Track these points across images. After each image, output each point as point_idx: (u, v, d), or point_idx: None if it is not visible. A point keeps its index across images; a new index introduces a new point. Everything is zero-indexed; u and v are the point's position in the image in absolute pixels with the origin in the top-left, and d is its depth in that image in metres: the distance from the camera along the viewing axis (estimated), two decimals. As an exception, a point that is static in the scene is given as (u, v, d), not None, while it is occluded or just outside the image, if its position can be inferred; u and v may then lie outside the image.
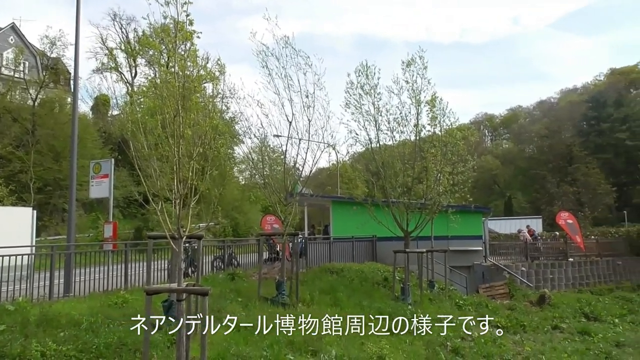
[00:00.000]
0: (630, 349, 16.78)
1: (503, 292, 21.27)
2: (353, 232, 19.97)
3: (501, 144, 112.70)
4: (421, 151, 16.54)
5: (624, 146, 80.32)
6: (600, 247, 29.54)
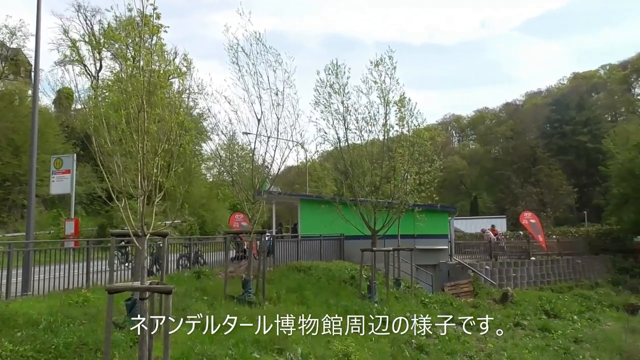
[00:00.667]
0: (587, 345, 17.36)
1: (468, 290, 21.65)
2: (321, 231, 20.00)
3: (468, 144, 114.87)
4: (389, 151, 16.68)
5: (585, 148, 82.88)
6: (561, 246, 30.39)
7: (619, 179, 32.58)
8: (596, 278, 28.73)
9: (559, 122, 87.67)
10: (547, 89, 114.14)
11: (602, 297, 25.20)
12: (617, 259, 31.10)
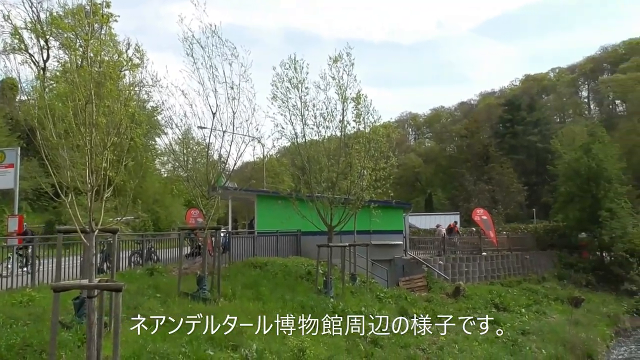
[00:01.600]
0: (534, 337, 18.01)
1: (421, 285, 22.04)
2: (278, 227, 19.94)
3: (424, 142, 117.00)
4: (346, 147, 16.76)
5: (535, 148, 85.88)
6: (510, 242, 31.37)
7: (566, 178, 33.82)
8: (543, 273, 29.79)
9: (511, 122, 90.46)
10: (500, 89, 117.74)
11: (549, 291, 26.18)
12: (563, 255, 32.37)
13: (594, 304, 25.83)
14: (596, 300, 26.65)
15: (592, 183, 30.94)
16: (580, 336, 18.39)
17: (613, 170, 31.61)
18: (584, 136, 35.69)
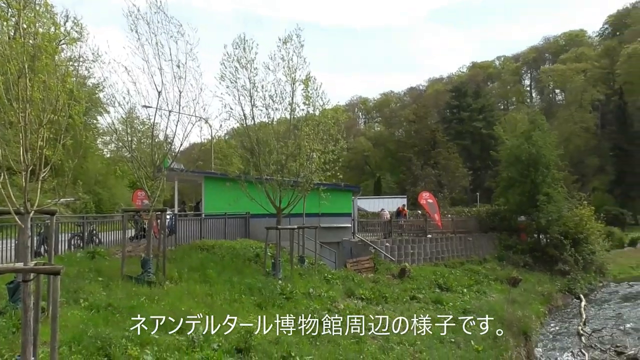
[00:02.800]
0: (474, 315, 18.74)
1: (368, 266, 22.45)
2: (226, 209, 19.72)
3: (373, 126, 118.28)
4: (295, 129, 16.72)
5: (479, 134, 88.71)
6: (455, 225, 32.36)
7: (507, 163, 34.98)
8: (484, 254, 30.93)
9: (457, 108, 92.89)
10: (448, 76, 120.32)
11: (489, 271, 27.24)
12: (503, 237, 33.65)
13: (530, 284, 27.09)
14: (532, 280, 27.96)
15: (532, 169, 32.19)
16: (517, 314, 19.28)
17: (551, 156, 32.98)
18: (525, 123, 36.94)
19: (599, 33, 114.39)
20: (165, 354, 8.31)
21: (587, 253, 33.27)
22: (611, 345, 18.02)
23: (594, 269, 34.14)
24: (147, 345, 8.62)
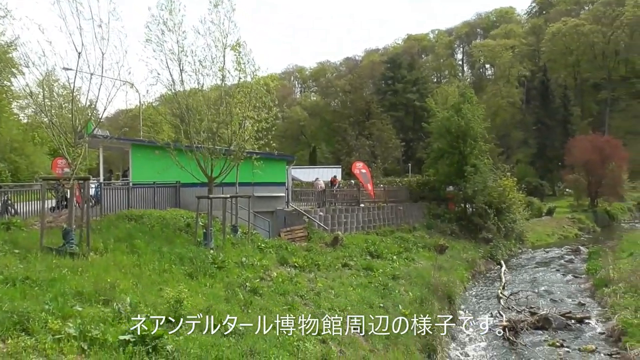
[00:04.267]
0: (403, 281, 19.47)
1: (302, 235, 22.64)
2: (155, 178, 19.08)
3: (309, 96, 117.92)
4: (227, 96, 16.28)
5: (413, 106, 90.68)
6: (387, 194, 33.14)
7: (438, 135, 36.01)
8: (414, 223, 32.02)
9: (392, 80, 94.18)
10: (384, 47, 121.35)
11: (418, 239, 28.28)
12: (432, 206, 34.95)
13: (456, 251, 28.44)
14: (458, 247, 29.35)
15: (461, 140, 33.34)
16: (443, 279, 20.19)
17: (479, 129, 34.25)
18: (455, 96, 38.03)
19: (527, 11, 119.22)
20: (89, 326, 8.00)
21: (509, 222, 35.30)
22: (526, 307, 19.32)
23: (514, 237, 36.34)
24: (70, 318, 8.26)
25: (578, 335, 16.54)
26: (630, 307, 16.83)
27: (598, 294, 20.91)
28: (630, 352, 13.74)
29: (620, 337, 15.20)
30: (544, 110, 79.65)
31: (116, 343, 7.78)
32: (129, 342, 7.89)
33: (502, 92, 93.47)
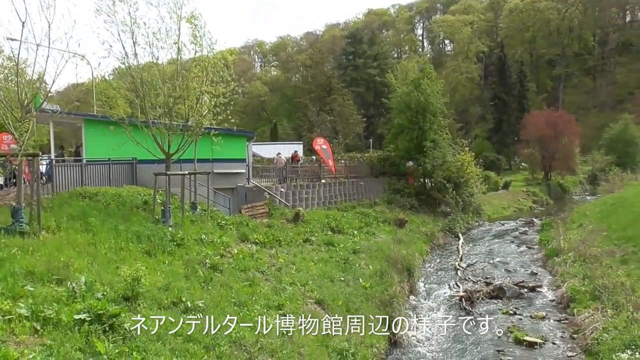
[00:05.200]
0: (363, 255, 19.74)
1: (263, 212, 22.54)
2: (110, 154, 18.51)
3: (270, 71, 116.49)
4: (183, 70, 15.83)
5: (373, 81, 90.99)
6: (348, 170, 33.32)
7: (398, 111, 36.21)
8: (375, 198, 32.38)
9: (353, 55, 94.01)
10: (345, 21, 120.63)
11: (378, 214, 28.64)
12: (392, 181, 35.40)
13: (415, 225, 28.97)
14: (417, 221, 29.91)
15: (420, 116, 33.66)
16: (402, 253, 20.58)
17: (438, 104, 34.62)
18: (415, 72, 38.25)
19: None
20: (42, 306, 7.79)
21: (467, 195, 36.18)
22: (482, 278, 19.95)
23: (472, 210, 37.31)
24: (21, 298, 8.03)
25: (530, 303, 17.22)
26: (578, 275, 17.60)
27: (549, 263, 21.77)
28: (578, 317, 14.43)
29: (569, 303, 15.92)
30: (501, 86, 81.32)
31: (71, 322, 7.63)
32: (85, 321, 7.76)
33: (461, 67, 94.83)
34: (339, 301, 13.88)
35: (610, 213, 26.95)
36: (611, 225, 23.28)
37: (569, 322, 14.75)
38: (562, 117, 60.60)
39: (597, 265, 17.90)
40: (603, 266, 17.57)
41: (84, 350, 7.09)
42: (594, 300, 14.90)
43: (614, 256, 18.41)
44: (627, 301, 13.49)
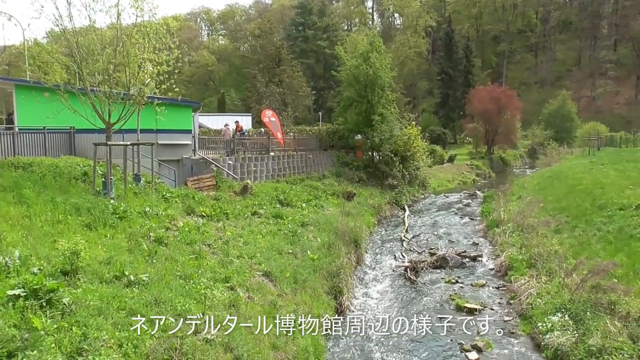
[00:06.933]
0: (311, 227, 19.84)
1: (210, 184, 22.16)
2: (45, 123, 17.51)
3: (217, 39, 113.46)
4: (124, 36, 15.05)
5: (323, 53, 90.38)
6: (297, 143, 33.13)
7: (347, 84, 36.14)
8: (324, 171, 32.46)
9: (302, 26, 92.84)
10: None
11: (327, 187, 28.77)
12: (341, 155, 35.56)
13: (363, 197, 29.33)
14: (365, 194, 30.29)
15: (369, 89, 33.76)
16: (350, 225, 20.83)
17: (386, 78, 34.79)
18: (364, 45, 38.18)
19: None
20: (-29, 283, 7.39)
21: (413, 169, 36.90)
22: (426, 248, 20.58)
23: (418, 183, 38.14)
24: (-55, 276, 7.57)
25: (472, 272, 17.93)
26: (516, 244, 18.44)
27: (490, 234, 22.66)
28: (514, 284, 15.16)
29: (507, 271, 16.70)
30: (448, 61, 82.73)
31: (4, 298, 7.33)
32: (20, 296, 7.46)
33: (409, 42, 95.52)
34: (287, 273, 13.92)
35: (547, 185, 28.25)
36: (547, 197, 24.41)
37: (507, 289, 15.47)
38: (505, 92, 62.46)
39: (534, 234, 18.79)
40: (539, 236, 18.45)
41: (19, 327, 6.82)
42: (530, 267, 15.69)
43: (549, 226, 19.34)
44: (560, 268, 14.28)
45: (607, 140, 50.18)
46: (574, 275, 13.31)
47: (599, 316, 11.00)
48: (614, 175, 23.68)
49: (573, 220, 18.89)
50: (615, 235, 15.70)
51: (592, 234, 16.64)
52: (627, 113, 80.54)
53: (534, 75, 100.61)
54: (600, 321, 10.73)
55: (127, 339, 7.72)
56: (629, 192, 18.94)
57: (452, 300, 14.75)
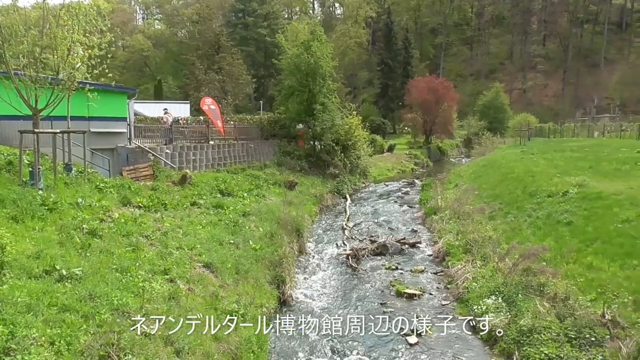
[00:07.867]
0: (253, 217, 19.65)
1: (147, 174, 21.42)
2: (-36, 109, 16.30)
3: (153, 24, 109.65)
4: (50, 16, 14.17)
5: (264, 41, 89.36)
6: (237, 131, 32.64)
7: (288, 72, 35.91)
8: (265, 160, 32.19)
9: (242, 13, 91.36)
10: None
11: (269, 176, 28.58)
12: (282, 144, 35.37)
13: (305, 187, 29.36)
14: (307, 183, 30.34)
15: (310, 79, 33.70)
16: (292, 214, 20.80)
17: (327, 68, 34.82)
18: (306, 34, 38.02)
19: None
20: None
21: (354, 158, 37.34)
22: (367, 236, 20.90)
23: (359, 172, 38.67)
24: None
25: (411, 258, 18.38)
26: (453, 231, 19.07)
27: (428, 221, 23.30)
28: (451, 269, 15.69)
29: (445, 257, 17.25)
30: (387, 52, 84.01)
31: None
32: None
33: (350, 32, 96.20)
34: (228, 264, 13.72)
35: (482, 174, 29.38)
36: (482, 185, 25.39)
37: (444, 274, 15.98)
38: (442, 83, 64.28)
39: (469, 221, 19.49)
40: (474, 222, 19.17)
41: None
42: (466, 253, 16.27)
43: (484, 213, 20.14)
44: (493, 253, 14.91)
45: (537, 131, 52.87)
46: (506, 260, 13.92)
47: (529, 298, 11.58)
48: (543, 164, 24.92)
49: (506, 207, 19.73)
50: (544, 220, 16.55)
51: (523, 220, 17.46)
52: (555, 105, 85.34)
53: (469, 67, 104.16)
54: (531, 302, 11.29)
55: (60, 336, 7.34)
56: (556, 179, 19.98)
57: (392, 287, 15.06)
